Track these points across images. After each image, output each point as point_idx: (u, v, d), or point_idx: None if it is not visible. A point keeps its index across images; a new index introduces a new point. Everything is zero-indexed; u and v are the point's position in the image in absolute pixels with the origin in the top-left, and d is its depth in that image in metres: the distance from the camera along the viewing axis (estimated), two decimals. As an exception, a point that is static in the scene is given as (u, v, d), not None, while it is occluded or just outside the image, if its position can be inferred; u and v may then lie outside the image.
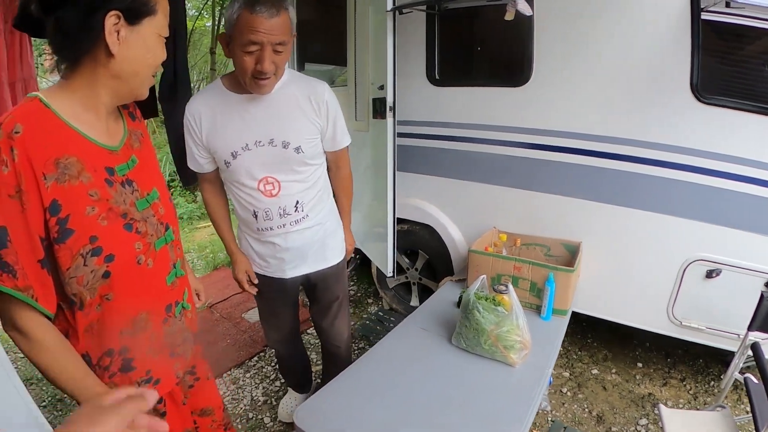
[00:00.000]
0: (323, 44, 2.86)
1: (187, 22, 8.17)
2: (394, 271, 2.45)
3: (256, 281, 1.72)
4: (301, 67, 3.21)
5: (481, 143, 2.25)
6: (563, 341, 2.36)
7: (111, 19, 0.83)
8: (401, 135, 2.49)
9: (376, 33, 2.15)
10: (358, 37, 2.37)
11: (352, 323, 2.81)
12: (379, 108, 2.26)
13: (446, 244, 2.46)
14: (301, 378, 2.15)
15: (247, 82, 1.37)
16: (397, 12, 1.96)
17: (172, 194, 5.40)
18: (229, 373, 2.43)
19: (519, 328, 1.56)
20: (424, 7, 2.17)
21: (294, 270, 1.68)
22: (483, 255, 2.01)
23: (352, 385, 1.52)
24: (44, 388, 2.32)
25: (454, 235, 2.44)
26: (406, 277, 2.82)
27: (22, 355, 1.90)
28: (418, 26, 2.35)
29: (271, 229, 1.58)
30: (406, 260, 2.77)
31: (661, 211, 1.94)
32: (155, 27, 0.90)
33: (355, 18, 2.35)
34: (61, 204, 0.83)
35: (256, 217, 1.56)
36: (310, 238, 1.65)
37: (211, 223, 1.78)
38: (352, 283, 3.36)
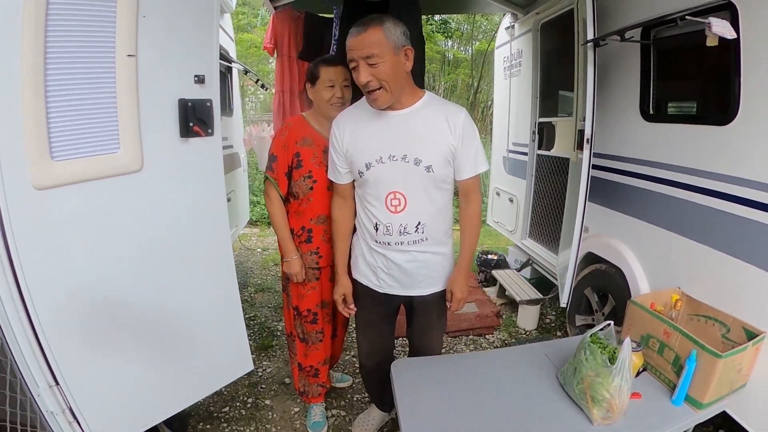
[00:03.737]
0: (566, 72, 2.95)
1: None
2: (568, 303, 2.46)
3: (351, 306, 1.81)
4: (551, 96, 3.40)
5: (684, 189, 1.97)
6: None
7: (307, 84, 1.90)
8: (611, 170, 2.44)
9: (582, 64, 2.22)
10: (581, 68, 2.45)
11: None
12: (580, 140, 2.32)
13: (631, 292, 2.27)
14: (385, 396, 2.03)
15: (366, 97, 1.52)
16: (597, 43, 1.99)
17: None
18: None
19: (612, 386, 1.43)
20: (624, 37, 2.06)
21: (399, 289, 1.72)
22: (639, 308, 1.84)
23: (451, 365, 1.81)
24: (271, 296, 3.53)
25: (640, 284, 2.22)
26: (593, 319, 2.69)
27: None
28: (633, 57, 2.24)
29: (388, 244, 1.62)
30: (596, 301, 2.65)
31: None
32: (322, 83, 1.82)
33: (577, 48, 2.44)
34: (300, 153, 1.84)
35: (376, 229, 1.62)
36: (423, 263, 1.66)
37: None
38: (550, 311, 3.36)
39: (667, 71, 2.18)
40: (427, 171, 1.52)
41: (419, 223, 1.59)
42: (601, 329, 1.62)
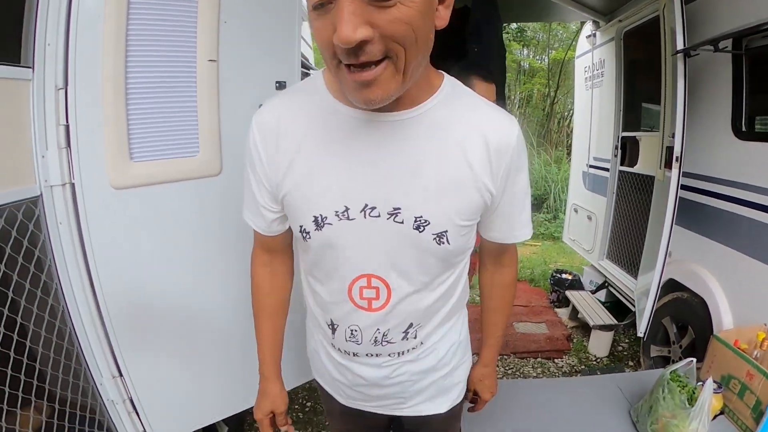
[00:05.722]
0: (652, 84, 2.74)
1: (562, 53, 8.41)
2: (645, 333, 2.32)
3: (285, 428, 1.06)
4: (635, 109, 3.16)
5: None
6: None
7: None
8: (699, 191, 2.24)
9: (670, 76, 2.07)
10: (668, 80, 2.27)
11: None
12: (668, 157, 2.15)
13: (713, 326, 2.04)
14: None
15: (339, 79, 0.66)
16: (688, 54, 1.84)
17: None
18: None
19: (688, 430, 1.36)
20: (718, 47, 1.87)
21: (383, 409, 1.00)
22: (722, 345, 1.67)
23: (519, 391, 1.72)
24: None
25: (724, 318, 1.99)
26: (669, 351, 2.45)
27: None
28: (724, 68, 2.04)
29: (354, 354, 0.90)
30: (675, 332, 2.41)
31: None
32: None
33: (665, 57, 2.26)
34: None
35: (333, 330, 0.89)
36: (417, 373, 0.94)
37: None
38: (623, 339, 3.10)
39: (761, 84, 1.97)
40: (437, 242, 0.78)
41: (411, 326, 0.87)
42: (683, 366, 1.50)
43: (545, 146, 8.00)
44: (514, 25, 8.49)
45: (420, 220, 0.77)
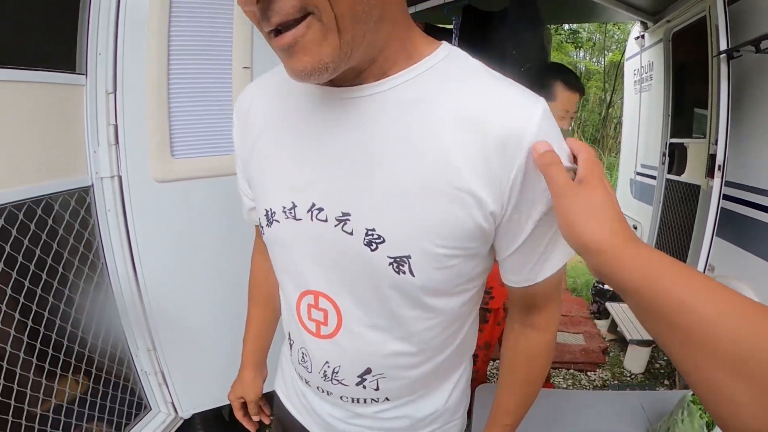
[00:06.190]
0: (702, 88, 2.61)
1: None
2: None
3: (258, 418, 0.99)
4: (684, 114, 3.01)
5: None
6: None
7: None
8: (746, 203, 2.11)
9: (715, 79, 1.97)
10: (714, 83, 2.16)
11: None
12: (712, 165, 2.06)
13: (752, 349, 1.91)
14: None
15: (275, 51, 0.52)
16: (731, 55, 1.75)
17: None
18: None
19: None
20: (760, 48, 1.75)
21: None
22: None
23: (539, 399, 1.68)
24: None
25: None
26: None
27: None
28: None
29: (307, 382, 0.77)
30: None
31: None
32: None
33: (711, 60, 2.15)
34: None
35: (290, 345, 0.79)
36: (378, 430, 0.76)
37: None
38: (661, 356, 2.96)
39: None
40: (394, 269, 0.58)
41: (368, 372, 0.68)
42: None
43: (598, 152, 7.71)
44: (566, 27, 8.26)
45: (372, 235, 0.57)
